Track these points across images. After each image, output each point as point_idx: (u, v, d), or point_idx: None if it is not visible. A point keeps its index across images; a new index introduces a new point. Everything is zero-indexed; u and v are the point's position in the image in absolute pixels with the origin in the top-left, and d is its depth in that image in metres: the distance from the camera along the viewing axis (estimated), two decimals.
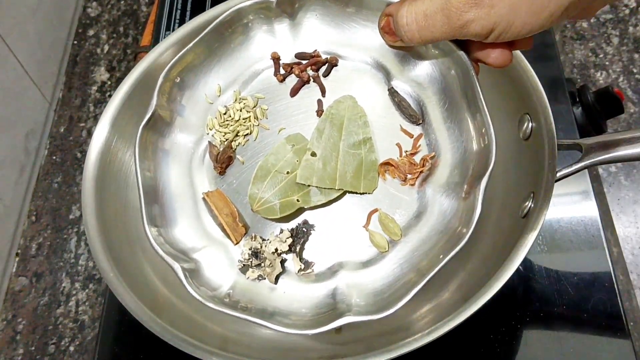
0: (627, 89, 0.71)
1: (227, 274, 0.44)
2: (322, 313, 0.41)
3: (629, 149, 0.44)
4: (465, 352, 0.51)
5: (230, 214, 0.44)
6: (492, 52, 0.35)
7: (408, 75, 0.44)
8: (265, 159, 0.45)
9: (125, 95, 0.53)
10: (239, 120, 0.46)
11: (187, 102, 0.47)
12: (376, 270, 0.42)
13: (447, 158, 0.42)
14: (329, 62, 0.47)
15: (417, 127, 0.44)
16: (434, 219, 0.42)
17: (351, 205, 0.44)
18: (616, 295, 0.51)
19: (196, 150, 0.47)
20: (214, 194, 0.45)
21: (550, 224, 0.55)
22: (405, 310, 0.49)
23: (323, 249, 0.44)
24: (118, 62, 0.80)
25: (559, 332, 0.50)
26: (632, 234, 0.63)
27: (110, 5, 0.85)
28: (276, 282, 0.43)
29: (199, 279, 0.42)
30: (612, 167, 0.66)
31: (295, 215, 0.45)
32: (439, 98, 0.43)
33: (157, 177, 0.45)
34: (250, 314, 0.39)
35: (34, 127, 0.73)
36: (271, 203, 0.44)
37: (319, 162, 0.43)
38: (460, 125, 0.41)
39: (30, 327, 0.63)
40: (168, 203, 0.45)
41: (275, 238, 0.43)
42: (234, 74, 0.48)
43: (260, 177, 0.44)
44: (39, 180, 0.72)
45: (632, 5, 0.76)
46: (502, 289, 0.40)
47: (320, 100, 0.46)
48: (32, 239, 0.68)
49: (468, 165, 0.40)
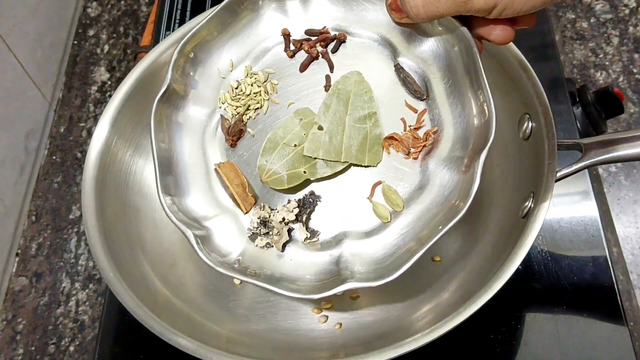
0: (627, 89, 0.71)
1: (237, 242, 0.45)
2: (326, 279, 0.43)
3: (629, 149, 0.44)
4: (465, 352, 0.51)
5: (241, 184, 0.46)
6: (494, 29, 0.37)
7: (414, 52, 0.45)
8: (274, 132, 0.46)
9: (125, 95, 0.53)
10: (250, 94, 0.48)
11: (200, 77, 0.48)
12: (379, 239, 0.44)
13: (449, 133, 0.43)
14: (337, 38, 0.48)
15: (421, 102, 0.45)
16: (436, 191, 0.43)
17: (356, 178, 0.46)
18: (616, 295, 0.51)
19: (209, 123, 0.48)
20: (226, 165, 0.47)
21: (550, 224, 0.55)
22: (405, 311, 0.49)
23: (328, 219, 0.45)
24: (118, 62, 0.80)
25: (559, 332, 0.50)
26: (632, 234, 0.63)
27: (110, 5, 0.85)
28: (283, 249, 0.45)
29: (210, 246, 0.43)
30: (612, 167, 0.66)
31: (302, 187, 0.46)
32: (443, 74, 0.44)
33: (171, 149, 0.47)
34: (258, 279, 0.41)
35: (34, 127, 0.73)
36: (279, 174, 0.45)
37: (326, 136, 0.45)
38: (463, 101, 0.42)
39: (30, 327, 0.63)
40: (182, 173, 0.47)
41: (282, 208, 0.45)
42: (245, 50, 0.49)
43: (269, 149, 0.46)
44: (39, 180, 0.72)
45: (632, 5, 0.76)
46: (502, 289, 0.40)
47: (329, 75, 0.47)
48: (32, 239, 0.68)
49: (469, 139, 0.41)
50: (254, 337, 0.49)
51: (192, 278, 0.53)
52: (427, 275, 0.51)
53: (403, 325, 0.48)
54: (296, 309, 0.51)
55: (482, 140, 0.39)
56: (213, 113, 0.48)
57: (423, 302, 0.49)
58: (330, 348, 0.48)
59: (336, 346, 0.48)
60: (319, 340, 0.49)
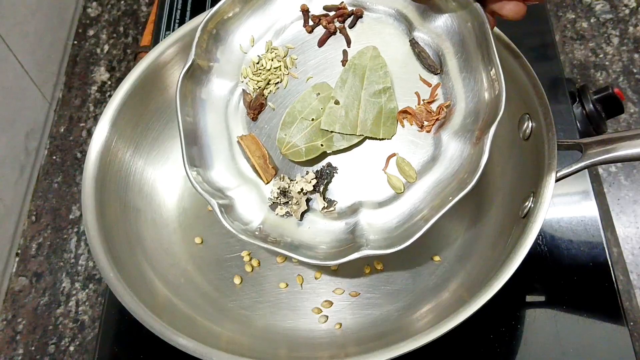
0: (627, 89, 0.71)
1: (258, 211, 0.48)
2: (342, 247, 0.45)
3: (629, 149, 0.44)
4: (465, 352, 0.51)
5: (262, 156, 0.48)
6: (507, 4, 0.38)
7: (428, 27, 0.46)
8: (293, 106, 0.48)
9: (125, 95, 0.53)
10: (270, 69, 0.49)
11: (222, 53, 0.50)
12: (392, 209, 0.46)
13: (461, 106, 0.44)
14: (354, 14, 0.49)
15: (435, 76, 0.46)
16: (447, 163, 0.44)
17: (371, 150, 0.47)
18: (616, 295, 0.51)
19: (231, 98, 0.50)
20: (247, 137, 0.49)
21: (550, 224, 0.55)
22: (405, 311, 0.49)
23: (345, 189, 0.47)
24: (118, 62, 0.80)
25: (558, 332, 0.50)
26: (632, 234, 0.63)
27: (110, 5, 0.85)
28: (301, 218, 0.47)
29: (232, 215, 0.46)
30: (612, 167, 0.66)
31: (319, 159, 0.48)
32: (456, 50, 0.45)
33: (196, 122, 0.49)
34: (278, 246, 0.45)
35: (34, 127, 0.73)
36: (297, 147, 0.47)
37: (342, 110, 0.46)
38: (475, 76, 0.43)
39: (30, 327, 0.63)
40: (206, 146, 0.49)
41: (301, 179, 0.47)
42: (265, 26, 0.50)
43: (288, 123, 0.48)
44: (39, 180, 0.72)
45: (632, 5, 0.76)
46: (502, 288, 0.40)
47: (346, 50, 0.49)
48: (32, 239, 0.68)
49: (480, 113, 0.42)
50: (254, 337, 0.49)
51: (192, 278, 0.53)
52: (427, 275, 0.51)
53: (403, 325, 0.48)
54: (296, 309, 0.51)
55: (492, 115, 0.40)
56: (235, 87, 0.50)
57: (423, 302, 0.49)
58: (330, 348, 0.48)
59: (336, 346, 0.48)
60: (319, 340, 0.49)
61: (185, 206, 0.57)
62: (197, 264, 0.54)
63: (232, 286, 0.53)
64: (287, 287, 0.52)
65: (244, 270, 0.53)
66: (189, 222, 0.56)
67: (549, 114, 0.46)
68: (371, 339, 0.48)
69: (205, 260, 0.54)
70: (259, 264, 0.54)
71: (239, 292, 0.52)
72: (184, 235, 0.55)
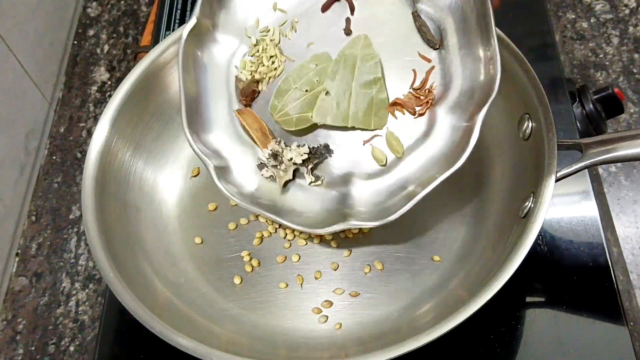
0: (627, 89, 0.71)
1: (253, 175, 0.49)
2: (331, 216, 0.47)
3: (629, 149, 0.44)
4: (465, 352, 0.51)
5: (260, 128, 0.49)
6: None
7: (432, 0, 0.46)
8: (288, 75, 0.48)
9: (125, 95, 0.53)
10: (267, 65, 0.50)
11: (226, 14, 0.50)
12: (381, 182, 0.47)
13: (457, 84, 0.45)
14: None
15: (434, 52, 0.46)
16: (439, 140, 0.45)
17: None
18: (616, 295, 0.51)
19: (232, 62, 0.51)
20: (244, 111, 0.50)
21: (550, 224, 0.55)
22: (405, 311, 0.49)
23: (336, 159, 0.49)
24: (118, 62, 0.80)
25: (558, 332, 0.50)
26: (632, 234, 0.63)
27: (110, 5, 0.85)
28: (285, 186, 0.49)
29: (227, 178, 0.48)
30: (612, 167, 0.66)
31: (310, 129, 0.49)
32: (457, 26, 0.45)
33: (196, 88, 0.49)
34: (269, 210, 0.46)
35: (34, 127, 0.73)
36: (289, 116, 0.48)
37: (333, 102, 0.47)
38: (473, 54, 0.44)
39: (30, 327, 0.63)
40: (205, 111, 0.50)
41: (295, 148, 0.48)
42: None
43: (283, 90, 0.48)
44: (39, 180, 0.72)
45: (632, 5, 0.76)
46: (501, 288, 0.40)
47: (349, 18, 0.49)
48: (32, 239, 0.68)
49: (475, 93, 0.43)
50: (254, 337, 0.49)
51: (192, 278, 0.53)
52: (427, 275, 0.51)
53: (403, 325, 0.48)
54: (296, 309, 0.51)
55: (486, 94, 0.41)
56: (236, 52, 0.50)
57: (423, 302, 0.49)
58: (330, 348, 0.48)
59: (336, 346, 0.48)
60: (319, 340, 0.49)
61: (185, 206, 0.57)
62: (197, 264, 0.54)
63: (232, 286, 0.53)
64: (287, 287, 0.52)
65: (244, 270, 0.53)
66: (189, 222, 0.56)
67: (549, 114, 0.46)
68: (371, 339, 0.48)
69: (205, 260, 0.54)
70: (259, 264, 0.54)
71: (239, 292, 0.52)
72: (184, 235, 0.55)
